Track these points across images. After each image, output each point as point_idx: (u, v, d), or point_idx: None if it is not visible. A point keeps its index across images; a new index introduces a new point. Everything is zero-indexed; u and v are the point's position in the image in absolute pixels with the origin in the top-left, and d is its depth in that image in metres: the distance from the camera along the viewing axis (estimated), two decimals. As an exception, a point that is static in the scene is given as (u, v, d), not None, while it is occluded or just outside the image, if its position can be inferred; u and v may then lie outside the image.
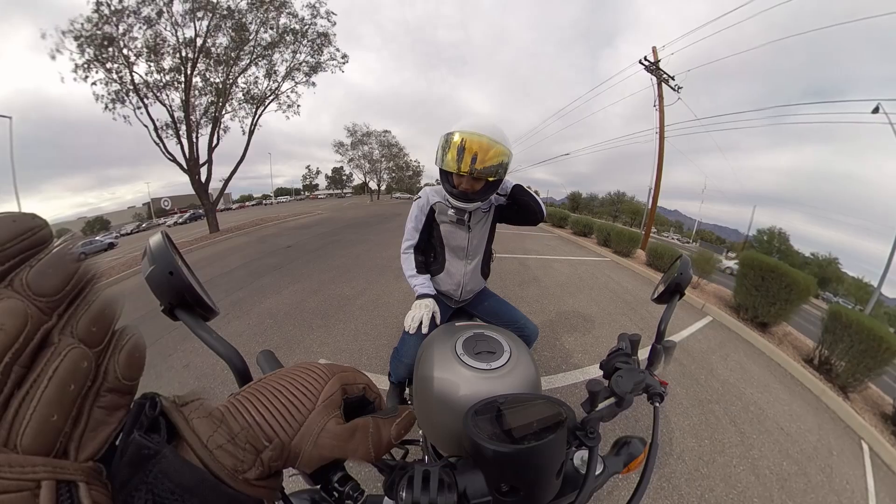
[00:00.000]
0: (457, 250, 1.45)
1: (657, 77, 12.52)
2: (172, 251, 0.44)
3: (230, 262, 7.18)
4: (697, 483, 2.00)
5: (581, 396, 2.44)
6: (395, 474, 0.40)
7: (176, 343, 3.47)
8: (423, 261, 1.48)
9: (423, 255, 1.50)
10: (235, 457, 0.23)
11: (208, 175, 13.55)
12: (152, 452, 0.20)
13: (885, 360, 3.67)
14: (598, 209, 60.69)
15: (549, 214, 16.63)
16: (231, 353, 0.44)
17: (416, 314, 1.21)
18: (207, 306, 0.46)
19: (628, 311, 4.93)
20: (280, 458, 0.26)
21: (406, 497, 0.37)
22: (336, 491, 0.35)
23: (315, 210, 23.94)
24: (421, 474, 0.38)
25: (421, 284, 1.37)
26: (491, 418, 0.46)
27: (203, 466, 0.22)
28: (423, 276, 1.41)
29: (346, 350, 3.15)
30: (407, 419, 0.36)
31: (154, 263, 0.42)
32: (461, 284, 1.48)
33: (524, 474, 0.40)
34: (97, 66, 11.06)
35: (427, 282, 1.39)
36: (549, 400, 0.48)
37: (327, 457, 0.29)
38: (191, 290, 0.43)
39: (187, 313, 0.44)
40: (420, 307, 1.24)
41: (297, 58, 14.10)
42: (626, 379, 0.48)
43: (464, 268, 1.46)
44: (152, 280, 0.42)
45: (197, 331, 0.44)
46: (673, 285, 0.69)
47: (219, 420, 0.24)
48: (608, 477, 0.60)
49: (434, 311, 1.23)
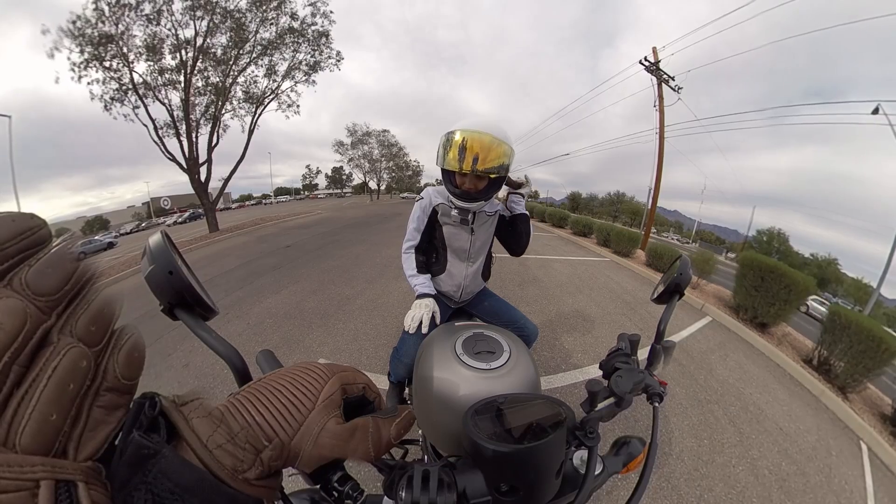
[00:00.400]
0: (459, 252, 1.44)
1: (657, 77, 12.52)
2: (172, 251, 0.44)
3: (229, 261, 7.18)
4: (697, 483, 2.01)
5: (580, 396, 2.43)
6: (394, 474, 0.40)
7: (175, 343, 3.48)
8: (423, 261, 1.47)
9: (424, 256, 1.48)
10: (235, 456, 0.23)
11: (208, 174, 13.55)
12: (152, 452, 0.20)
13: (884, 361, 3.67)
14: (597, 209, 60.70)
15: (550, 214, 16.65)
16: (231, 353, 0.44)
17: (416, 314, 1.19)
18: (207, 306, 0.46)
19: (628, 311, 4.93)
20: (280, 457, 0.26)
21: (405, 497, 0.37)
22: (336, 491, 0.35)
23: (315, 210, 23.95)
24: (420, 474, 0.38)
25: (421, 284, 1.35)
26: (490, 418, 0.46)
27: (203, 466, 0.22)
28: (424, 276, 1.39)
29: (345, 350, 3.15)
30: (406, 419, 0.36)
31: (154, 263, 0.42)
32: (462, 286, 1.48)
33: (524, 474, 0.40)
34: (96, 65, 11.05)
35: (427, 281, 1.38)
36: (549, 400, 0.48)
37: (327, 456, 0.29)
38: (190, 290, 0.43)
39: (187, 313, 0.44)
40: (420, 307, 1.22)
41: (297, 57, 14.12)
42: (626, 379, 0.48)
43: (465, 269, 1.46)
44: (152, 279, 0.42)
45: (196, 330, 0.43)
46: (672, 285, 0.69)
47: (218, 420, 0.24)
48: (607, 477, 0.60)
49: (434, 311, 1.22)
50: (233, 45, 12.61)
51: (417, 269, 1.41)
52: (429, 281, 1.39)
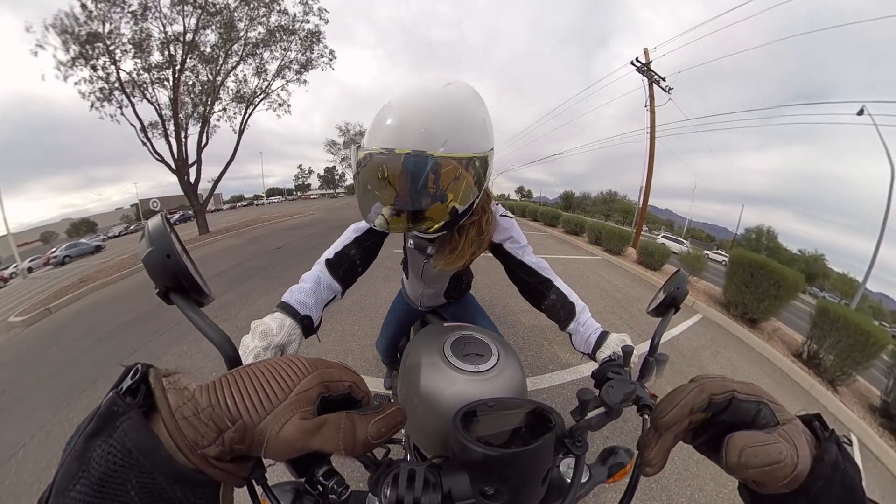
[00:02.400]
0: (415, 271, 1.20)
1: (648, 78, 12.68)
2: (171, 234, 0.43)
3: (219, 264, 7.09)
4: (687, 483, 2.01)
5: (568, 398, 2.42)
6: (380, 472, 0.40)
7: (165, 347, 3.43)
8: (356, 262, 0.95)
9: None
10: (197, 431, 0.25)
11: (197, 175, 13.38)
12: (120, 412, 0.23)
13: (871, 354, 3.75)
14: (590, 208, 61.18)
15: (542, 213, 16.75)
16: (222, 339, 0.44)
17: (250, 344, 0.64)
18: (202, 291, 0.46)
19: (618, 309, 4.96)
20: (242, 441, 0.27)
21: (390, 495, 0.37)
22: (320, 485, 0.36)
23: (307, 210, 23.78)
24: (406, 473, 0.38)
25: (297, 291, 0.79)
26: (479, 421, 0.46)
27: (168, 434, 0.24)
28: (314, 276, 0.86)
29: (331, 351, 3.12)
30: (391, 417, 0.34)
31: (152, 245, 0.42)
32: (420, 300, 1.37)
33: (510, 478, 0.40)
34: (81, 63, 10.83)
35: (311, 288, 0.81)
36: (539, 406, 0.47)
37: (293, 448, 0.29)
38: (186, 274, 0.43)
39: (182, 297, 0.44)
40: (258, 333, 0.66)
41: (288, 55, 13.99)
42: (617, 389, 0.48)
43: (421, 289, 1.28)
44: (149, 262, 0.42)
45: (190, 315, 0.43)
46: (669, 299, 0.69)
47: (189, 395, 0.26)
48: (593, 486, 0.61)
49: (277, 345, 0.66)
50: (222, 43, 12.45)
51: (329, 269, 0.89)
52: (314, 289, 0.82)
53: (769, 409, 0.36)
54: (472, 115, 0.71)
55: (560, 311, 0.89)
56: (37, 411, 2.66)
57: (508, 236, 0.95)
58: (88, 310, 5.65)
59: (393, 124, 0.67)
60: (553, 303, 0.91)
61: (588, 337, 0.83)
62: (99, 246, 24.64)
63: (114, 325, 4.43)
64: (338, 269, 0.90)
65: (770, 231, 44.22)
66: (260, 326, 0.66)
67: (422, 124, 0.66)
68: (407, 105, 0.68)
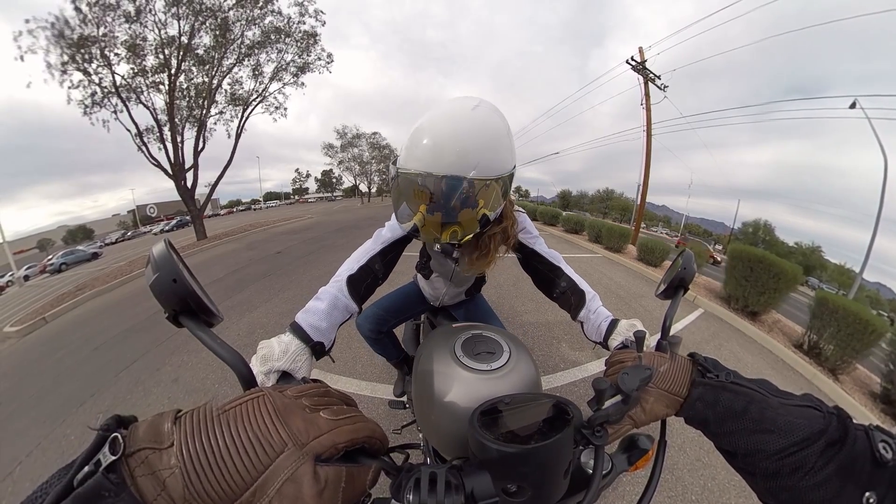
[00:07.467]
0: (443, 274, 1.28)
1: (644, 76, 12.71)
2: (176, 259, 0.44)
3: (217, 270, 7.06)
4: (700, 472, 2.03)
5: (582, 394, 2.43)
6: (401, 476, 0.39)
7: (164, 357, 3.40)
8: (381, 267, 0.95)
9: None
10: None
11: (194, 180, 13.32)
12: (109, 496, 0.23)
13: (870, 343, 3.78)
14: (587, 206, 61.19)
15: (541, 213, 16.75)
16: (235, 359, 0.44)
17: (253, 367, 0.63)
18: (211, 312, 0.46)
19: (622, 305, 4.98)
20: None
21: (413, 499, 0.37)
22: None
23: (305, 214, 23.73)
24: (428, 476, 0.38)
25: (310, 311, 0.81)
26: (496, 419, 0.46)
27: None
28: (331, 295, 0.84)
29: (339, 358, 3.09)
30: (376, 469, 0.37)
31: (158, 271, 0.42)
32: (440, 299, 1.41)
33: (532, 474, 0.40)
34: (73, 68, 10.69)
35: (324, 311, 0.81)
36: (555, 399, 0.47)
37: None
38: (194, 297, 0.43)
39: (191, 320, 0.44)
40: (261, 355, 0.67)
41: (284, 58, 13.93)
42: (632, 376, 0.47)
43: (446, 289, 1.35)
44: (156, 288, 0.42)
45: (201, 337, 0.43)
46: (677, 280, 0.69)
47: (161, 485, 0.25)
48: (616, 475, 0.60)
49: (278, 370, 0.66)
50: (217, 46, 12.38)
51: (349, 287, 0.87)
52: (329, 311, 0.82)
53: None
54: (499, 136, 0.74)
55: (570, 298, 0.93)
56: (33, 427, 2.60)
57: (522, 228, 0.99)
58: (85, 319, 5.62)
59: (428, 146, 0.71)
60: (563, 290, 0.95)
61: (599, 325, 0.85)
62: (96, 253, 24.46)
63: (111, 334, 4.40)
64: (359, 287, 0.89)
65: (767, 224, 44.39)
66: (263, 349, 0.67)
67: (454, 150, 0.70)
68: (440, 131, 0.72)
